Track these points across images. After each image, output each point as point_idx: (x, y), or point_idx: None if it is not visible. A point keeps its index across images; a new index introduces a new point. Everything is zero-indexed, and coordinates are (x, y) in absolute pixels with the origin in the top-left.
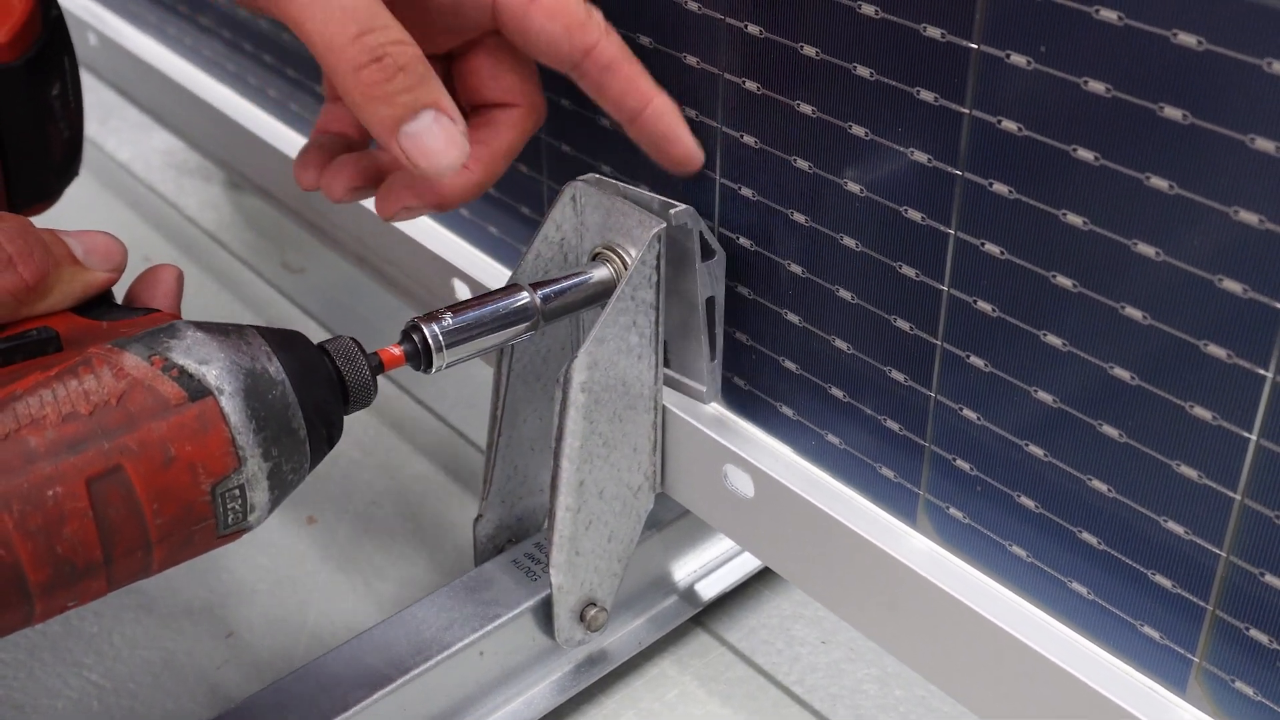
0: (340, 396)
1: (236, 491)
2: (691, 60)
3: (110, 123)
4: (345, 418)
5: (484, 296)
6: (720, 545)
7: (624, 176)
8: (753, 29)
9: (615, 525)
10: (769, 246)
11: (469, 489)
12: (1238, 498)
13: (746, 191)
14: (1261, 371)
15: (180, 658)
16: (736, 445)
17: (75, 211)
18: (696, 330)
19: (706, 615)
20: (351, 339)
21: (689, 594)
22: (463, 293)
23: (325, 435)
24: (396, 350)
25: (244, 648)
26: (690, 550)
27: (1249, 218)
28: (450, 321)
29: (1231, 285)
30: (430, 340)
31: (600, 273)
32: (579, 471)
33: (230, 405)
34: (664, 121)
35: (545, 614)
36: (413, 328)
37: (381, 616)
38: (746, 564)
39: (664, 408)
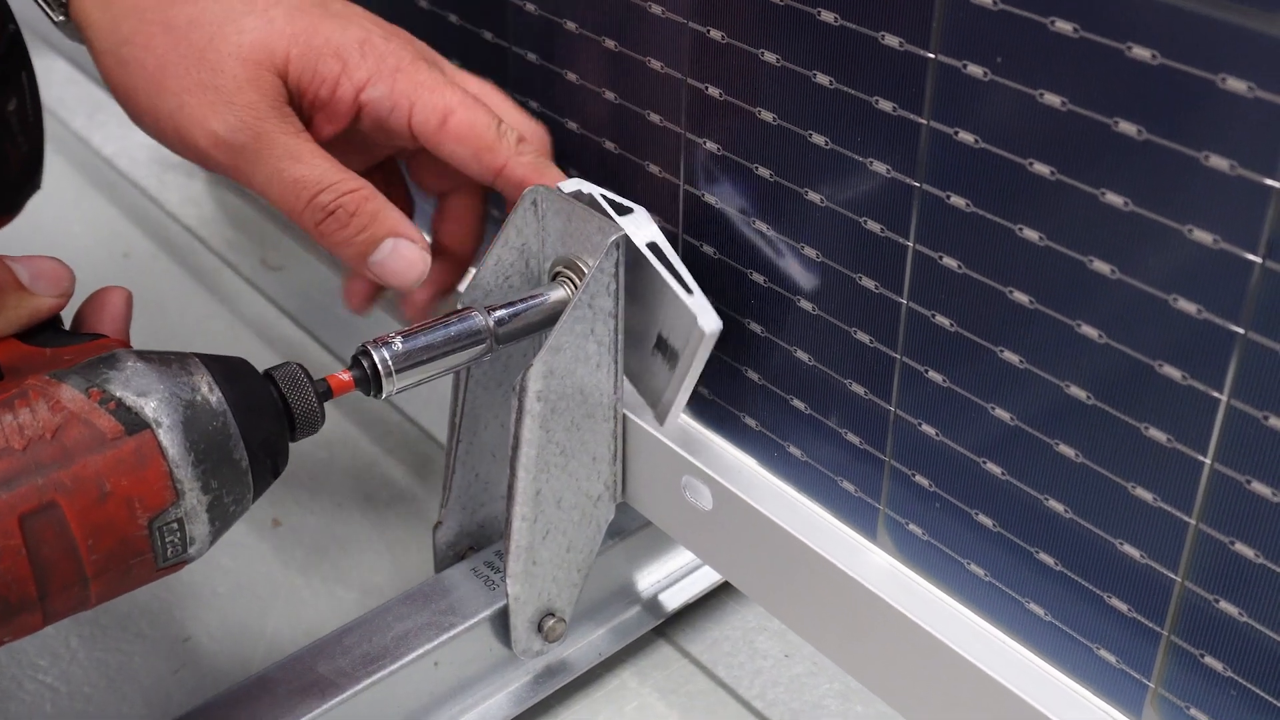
0: (286, 425)
1: (175, 525)
2: (655, 65)
3: (97, 117)
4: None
5: (436, 320)
6: (684, 556)
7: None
8: (715, 34)
9: (574, 535)
10: (732, 254)
11: (437, 493)
12: (1193, 522)
13: (710, 199)
14: (1215, 394)
15: (136, 662)
16: (696, 456)
17: (59, 205)
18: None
19: (669, 626)
20: (298, 365)
21: (652, 604)
22: None
23: (270, 465)
24: (345, 376)
25: (201, 653)
26: (654, 560)
27: (1203, 237)
28: (400, 346)
29: (1186, 305)
30: (380, 366)
31: (558, 294)
32: (535, 481)
33: (168, 438)
34: None
35: (503, 624)
36: (362, 353)
37: (343, 623)
38: (711, 575)
39: (624, 416)
